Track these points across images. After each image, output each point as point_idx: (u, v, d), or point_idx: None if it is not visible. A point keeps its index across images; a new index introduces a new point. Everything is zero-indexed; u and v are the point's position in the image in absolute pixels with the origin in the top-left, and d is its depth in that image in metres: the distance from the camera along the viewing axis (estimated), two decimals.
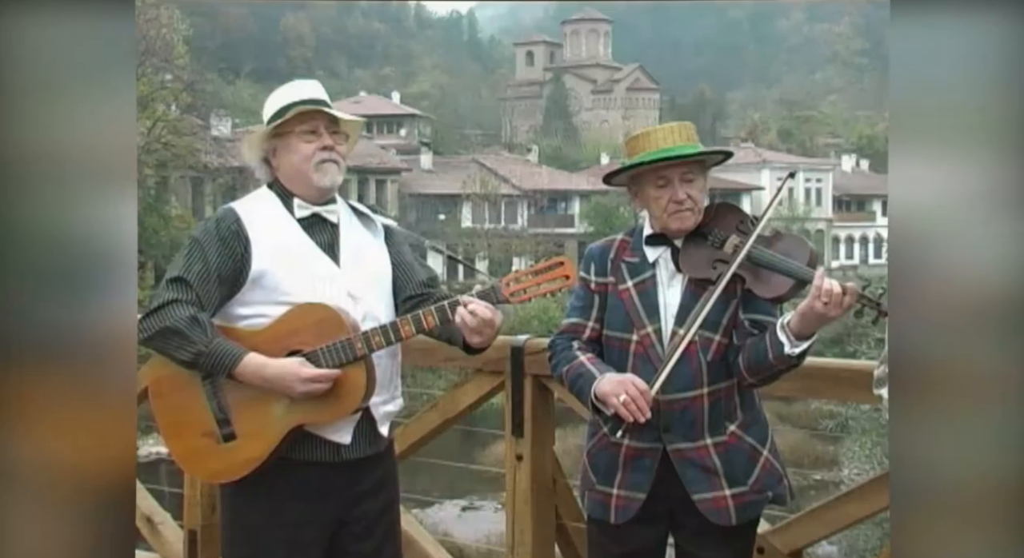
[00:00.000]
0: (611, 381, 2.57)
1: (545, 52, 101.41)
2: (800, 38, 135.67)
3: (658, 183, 2.65)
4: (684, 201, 2.64)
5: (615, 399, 2.52)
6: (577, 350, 2.74)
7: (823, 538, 3.33)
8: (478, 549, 11.97)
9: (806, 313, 2.41)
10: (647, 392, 2.52)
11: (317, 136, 2.68)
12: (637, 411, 2.50)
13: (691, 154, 2.64)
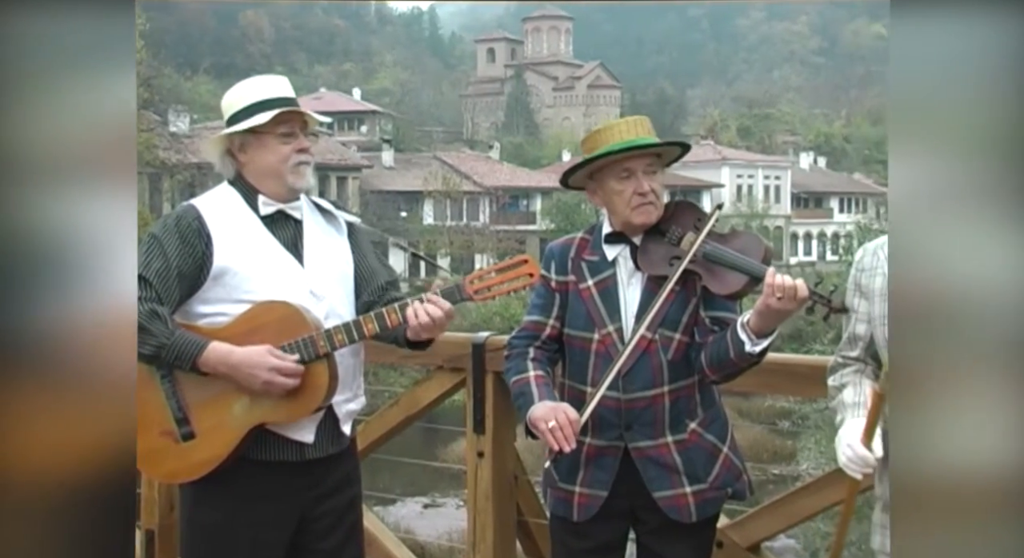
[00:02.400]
0: (545, 407, 2.60)
1: (506, 49, 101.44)
2: (758, 37, 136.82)
3: (622, 175, 2.66)
4: (648, 193, 2.65)
5: (544, 425, 2.55)
6: (530, 360, 2.76)
7: (780, 531, 3.37)
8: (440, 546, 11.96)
9: (763, 310, 2.44)
10: (576, 422, 2.55)
11: (295, 138, 2.67)
12: (563, 440, 2.53)
13: (656, 144, 2.65)
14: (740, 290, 2.56)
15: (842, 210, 63.55)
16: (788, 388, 3.44)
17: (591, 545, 2.77)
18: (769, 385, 3.40)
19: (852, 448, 2.37)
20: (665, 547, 2.72)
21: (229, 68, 74.47)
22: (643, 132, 2.68)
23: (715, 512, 2.78)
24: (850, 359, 2.60)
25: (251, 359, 2.50)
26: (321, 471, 2.71)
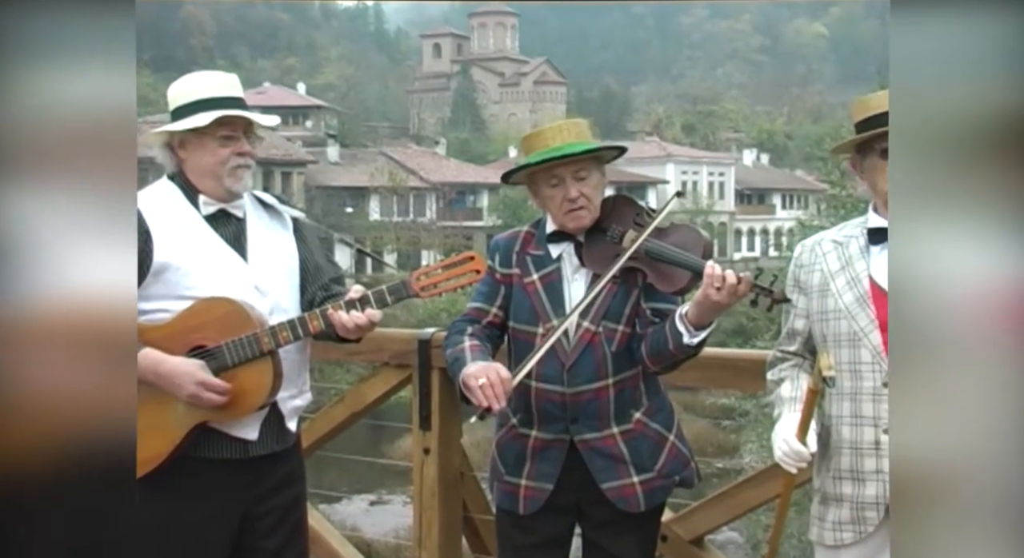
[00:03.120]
0: (477, 365, 2.57)
1: (452, 44, 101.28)
2: (702, 35, 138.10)
3: (551, 182, 2.68)
4: (577, 199, 2.66)
5: (474, 382, 2.52)
6: (466, 335, 2.75)
7: (723, 524, 3.42)
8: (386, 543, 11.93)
9: (701, 302, 2.46)
10: (508, 380, 2.52)
11: (235, 141, 2.64)
12: (492, 397, 2.48)
13: (577, 152, 2.65)
14: (685, 286, 2.58)
15: (784, 206, 64.38)
16: (732, 382, 3.49)
17: (537, 539, 2.78)
18: (713, 379, 3.44)
19: (788, 443, 2.41)
20: (610, 541, 2.74)
21: (169, 61, 73.34)
22: (571, 137, 2.68)
23: (662, 501, 2.81)
24: (788, 353, 2.64)
25: (179, 371, 2.48)
26: (265, 468, 2.69)
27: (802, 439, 2.40)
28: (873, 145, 2.45)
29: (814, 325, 2.56)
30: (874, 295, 2.44)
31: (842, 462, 2.47)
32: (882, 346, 2.40)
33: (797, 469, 2.44)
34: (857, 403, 2.43)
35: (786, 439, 2.42)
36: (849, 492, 2.46)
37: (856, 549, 2.47)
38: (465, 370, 2.58)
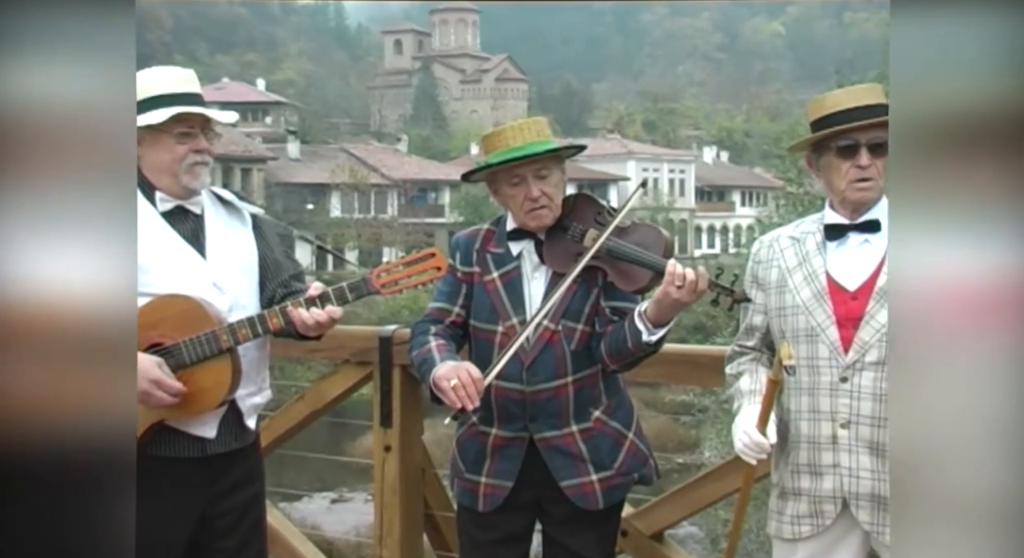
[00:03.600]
0: (447, 366, 2.58)
1: (414, 41, 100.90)
2: (662, 32, 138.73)
3: (512, 181, 2.68)
4: (539, 198, 2.67)
5: (446, 383, 2.53)
6: (432, 335, 2.75)
7: (683, 519, 3.45)
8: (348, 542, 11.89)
9: (661, 300, 2.48)
10: (479, 380, 2.54)
11: (192, 138, 2.61)
12: (466, 397, 2.51)
13: (538, 153, 2.65)
14: (646, 285, 2.59)
15: (744, 204, 64.87)
16: (691, 378, 3.52)
17: (497, 536, 2.79)
18: (673, 375, 3.46)
19: (748, 434, 2.44)
20: (570, 538, 2.75)
21: None
22: (532, 136, 2.68)
23: (621, 498, 2.83)
24: (747, 348, 2.67)
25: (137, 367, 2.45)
26: (223, 467, 2.67)
27: (762, 430, 2.42)
28: (828, 143, 2.48)
29: (772, 321, 2.59)
30: (831, 291, 2.47)
31: (800, 456, 2.50)
32: (839, 341, 2.43)
33: (757, 460, 2.47)
34: (815, 398, 2.46)
35: (747, 431, 2.45)
36: (807, 486, 2.49)
37: (813, 542, 2.50)
38: (435, 371, 2.58)
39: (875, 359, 2.40)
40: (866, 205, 2.49)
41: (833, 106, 2.48)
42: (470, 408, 2.53)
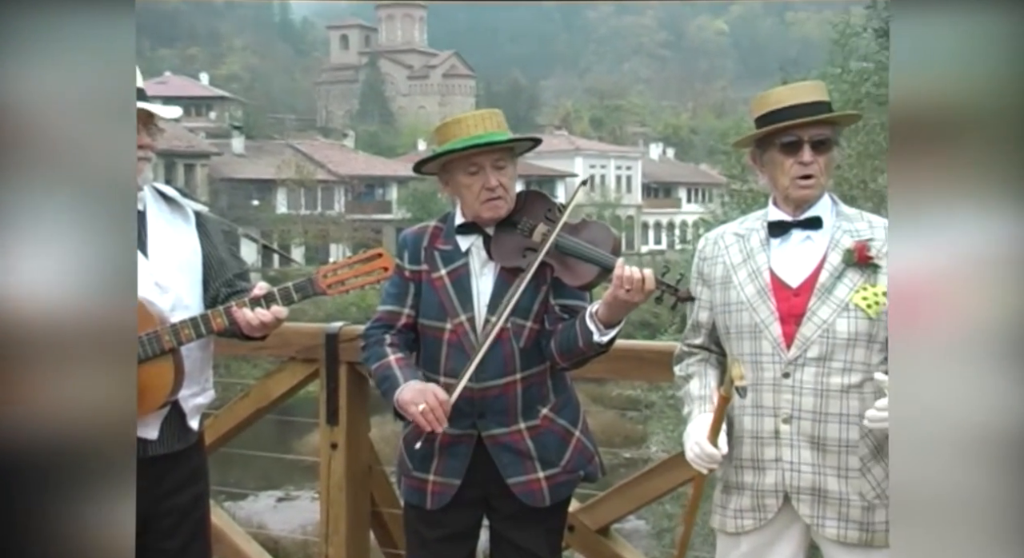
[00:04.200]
0: (412, 390, 2.61)
1: (360, 36, 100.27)
2: (608, 29, 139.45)
3: (469, 170, 2.68)
4: (496, 188, 2.67)
5: (414, 408, 2.56)
6: (388, 346, 2.75)
7: (629, 513, 3.47)
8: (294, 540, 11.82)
9: (611, 302, 2.49)
10: (446, 402, 2.58)
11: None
12: (435, 421, 2.55)
13: (502, 141, 2.67)
14: (592, 281, 2.61)
15: (689, 200, 65.40)
16: (638, 374, 3.54)
17: (444, 533, 2.79)
18: (620, 371, 3.48)
19: (700, 445, 2.46)
20: (518, 533, 2.76)
21: None
22: (492, 126, 2.69)
23: (568, 495, 2.84)
24: (694, 347, 2.69)
25: None
26: (165, 468, 2.64)
27: (713, 442, 2.45)
28: (772, 140, 2.51)
29: (717, 317, 2.61)
30: (774, 287, 2.50)
31: (743, 451, 2.53)
32: (782, 338, 2.46)
33: (708, 470, 2.50)
34: (758, 394, 2.49)
35: (698, 442, 2.47)
36: (750, 480, 2.52)
37: (756, 535, 2.53)
38: (400, 395, 2.61)
39: (816, 355, 2.43)
40: (808, 202, 2.52)
41: (776, 103, 2.51)
42: (439, 430, 2.57)
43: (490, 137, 2.65)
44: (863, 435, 2.43)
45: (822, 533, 2.46)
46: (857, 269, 2.45)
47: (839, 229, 2.51)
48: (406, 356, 2.74)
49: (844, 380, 2.42)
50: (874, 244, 2.47)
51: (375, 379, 2.76)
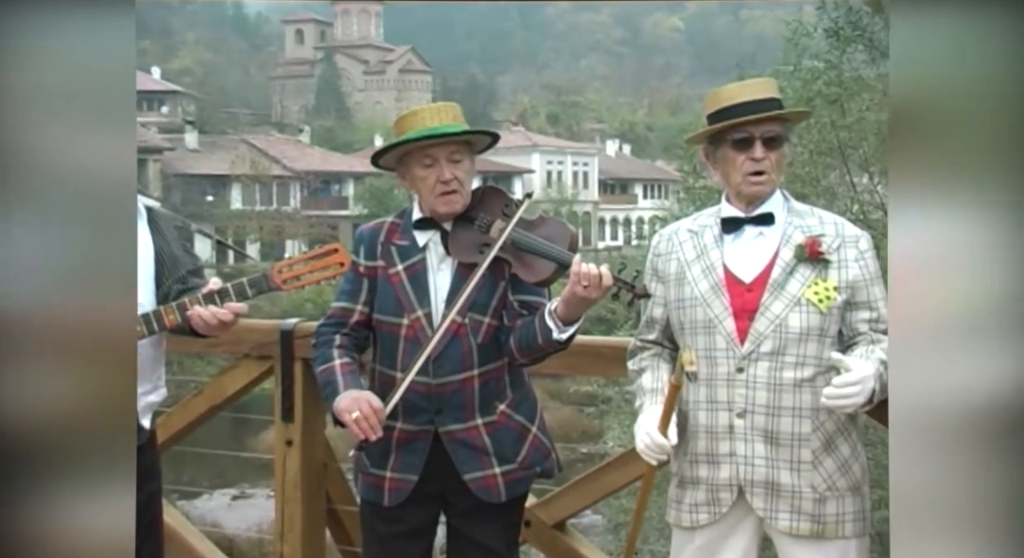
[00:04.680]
0: (349, 398, 2.61)
1: (315, 30, 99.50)
2: (565, 26, 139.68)
3: (425, 163, 2.67)
4: (450, 182, 2.66)
5: (348, 416, 2.57)
6: (336, 348, 2.75)
7: (585, 508, 3.49)
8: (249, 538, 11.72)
9: (569, 299, 2.50)
10: (380, 410, 2.58)
11: None
12: (368, 429, 2.56)
13: (455, 132, 2.66)
14: (549, 277, 2.61)
15: (646, 196, 65.76)
16: (594, 369, 3.56)
17: (401, 529, 2.78)
18: (576, 367, 3.49)
19: (650, 435, 2.48)
20: (474, 529, 2.76)
21: None
22: (448, 119, 2.69)
23: (524, 491, 2.84)
24: (648, 342, 2.71)
25: None
26: None
27: (663, 432, 2.46)
28: (724, 136, 2.53)
29: (671, 313, 2.62)
30: (728, 283, 2.52)
31: (698, 446, 2.55)
32: (735, 333, 2.48)
33: (657, 461, 2.51)
34: (712, 388, 2.51)
35: (648, 432, 2.48)
36: (704, 475, 2.54)
37: (710, 529, 2.55)
38: (338, 403, 2.61)
39: (769, 349, 2.46)
40: (760, 198, 2.55)
41: (728, 100, 2.53)
42: (373, 439, 2.57)
43: (445, 129, 2.65)
44: (815, 428, 2.47)
45: (775, 526, 2.49)
46: (808, 264, 2.48)
47: (790, 225, 2.54)
48: (351, 361, 2.74)
49: (797, 374, 2.45)
50: (825, 240, 2.50)
51: (319, 382, 2.76)
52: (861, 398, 2.31)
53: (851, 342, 2.50)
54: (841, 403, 2.32)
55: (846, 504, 2.49)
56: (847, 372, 2.31)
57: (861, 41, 10.32)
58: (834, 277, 2.47)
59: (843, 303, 2.48)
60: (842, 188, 10.27)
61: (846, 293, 2.48)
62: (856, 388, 2.30)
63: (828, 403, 2.35)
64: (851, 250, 2.51)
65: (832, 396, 2.33)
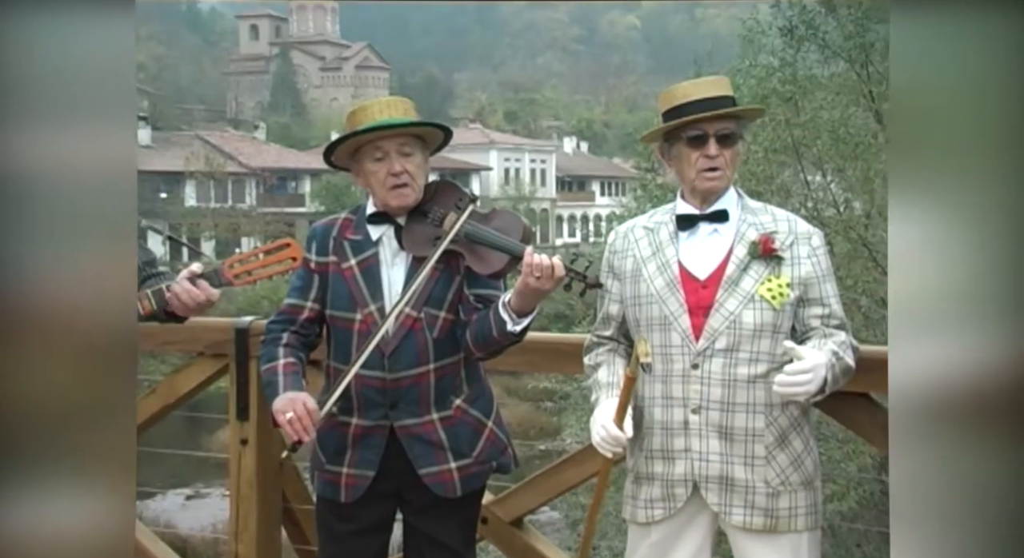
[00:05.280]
0: (285, 398, 2.61)
1: (271, 26, 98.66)
2: (522, 23, 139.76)
3: (376, 156, 2.67)
4: (401, 174, 2.66)
5: (282, 417, 2.57)
6: (282, 347, 2.75)
7: (542, 504, 3.49)
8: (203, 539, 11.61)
9: (522, 290, 2.51)
10: (315, 412, 2.58)
11: None
12: (301, 430, 2.56)
13: (404, 123, 2.66)
14: (501, 269, 2.62)
15: (603, 193, 65.99)
16: (552, 366, 3.56)
17: (357, 527, 2.77)
18: (534, 363, 3.50)
19: (605, 428, 2.49)
20: (430, 526, 2.76)
21: None
22: (398, 113, 2.68)
23: (480, 487, 2.84)
24: (604, 338, 2.72)
25: None
26: None
27: (619, 424, 2.47)
28: (679, 134, 2.55)
29: (628, 310, 2.64)
30: (683, 280, 2.54)
31: (653, 442, 2.56)
32: (690, 329, 2.50)
33: (613, 454, 2.52)
34: (668, 385, 2.53)
35: (604, 425, 2.49)
36: (660, 470, 2.56)
37: (665, 524, 2.57)
38: (274, 404, 2.62)
39: (724, 346, 2.48)
40: (715, 194, 2.57)
41: (683, 97, 2.55)
42: (306, 440, 2.58)
43: (392, 121, 2.65)
44: (768, 424, 2.49)
45: (729, 520, 2.51)
46: (762, 261, 2.51)
47: (744, 222, 2.56)
48: (295, 361, 2.73)
49: (751, 370, 2.48)
50: (778, 237, 2.53)
51: (262, 381, 2.76)
52: (813, 386, 2.34)
53: (803, 338, 2.53)
54: (792, 391, 2.35)
55: (799, 498, 2.52)
56: (799, 360, 2.34)
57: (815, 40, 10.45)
58: (787, 274, 2.50)
59: (796, 299, 2.51)
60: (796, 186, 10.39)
61: (799, 289, 2.51)
62: (808, 376, 2.33)
63: (780, 391, 2.37)
64: (804, 247, 2.54)
65: (784, 383, 2.35)
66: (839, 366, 2.41)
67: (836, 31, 10.25)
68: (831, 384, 2.38)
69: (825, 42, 10.27)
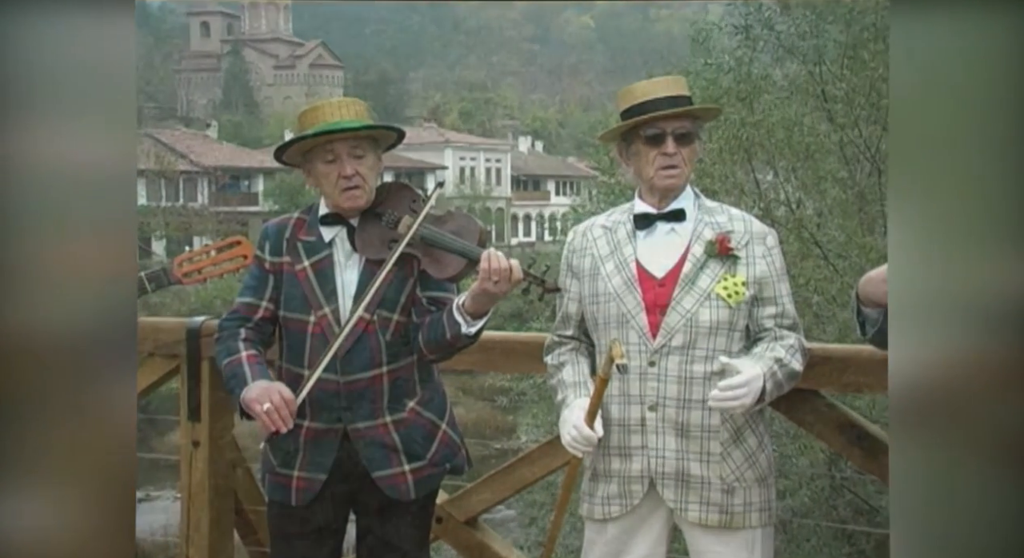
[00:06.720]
0: (259, 388, 2.57)
1: (222, 23, 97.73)
2: (477, 22, 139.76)
3: (327, 158, 2.64)
4: (352, 177, 2.63)
5: (258, 407, 2.53)
6: (242, 341, 2.70)
7: (497, 503, 3.48)
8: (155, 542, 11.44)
9: (478, 293, 2.50)
10: (291, 401, 2.55)
11: None
12: (279, 420, 2.53)
13: (354, 127, 2.63)
14: (458, 273, 2.60)
15: (558, 193, 66.16)
16: (506, 365, 3.55)
17: (309, 529, 2.74)
18: (489, 363, 3.49)
19: (577, 429, 2.48)
20: (384, 527, 2.74)
21: None
22: (350, 115, 2.66)
23: (434, 488, 2.83)
24: (565, 337, 2.72)
25: None
26: None
27: (590, 424, 2.48)
28: (637, 132, 2.55)
29: (586, 308, 2.64)
30: (640, 278, 2.55)
31: (611, 439, 2.56)
32: (648, 327, 2.51)
33: (583, 453, 2.52)
34: (625, 382, 2.53)
35: (576, 425, 2.49)
36: (617, 467, 2.56)
37: (622, 521, 2.58)
38: (246, 393, 2.57)
39: (680, 343, 2.49)
40: (673, 192, 2.58)
41: (641, 96, 2.56)
42: (284, 430, 2.54)
43: (345, 124, 2.62)
44: (723, 421, 2.51)
45: (685, 517, 2.52)
46: (719, 260, 2.52)
47: (701, 222, 2.57)
48: (258, 353, 2.69)
49: (707, 368, 2.49)
50: (734, 236, 2.54)
51: (224, 375, 2.70)
52: (748, 399, 2.37)
53: (756, 337, 2.55)
54: (727, 405, 2.38)
55: (753, 495, 2.53)
56: (736, 375, 2.37)
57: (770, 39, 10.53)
58: (743, 273, 2.52)
59: (751, 298, 2.52)
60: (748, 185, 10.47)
61: (754, 288, 2.52)
62: (743, 390, 2.36)
63: (715, 406, 2.40)
64: (759, 246, 2.55)
65: (718, 399, 2.38)
66: (782, 373, 2.45)
67: (791, 30, 10.33)
68: (772, 392, 2.42)
69: (780, 41, 10.35)
